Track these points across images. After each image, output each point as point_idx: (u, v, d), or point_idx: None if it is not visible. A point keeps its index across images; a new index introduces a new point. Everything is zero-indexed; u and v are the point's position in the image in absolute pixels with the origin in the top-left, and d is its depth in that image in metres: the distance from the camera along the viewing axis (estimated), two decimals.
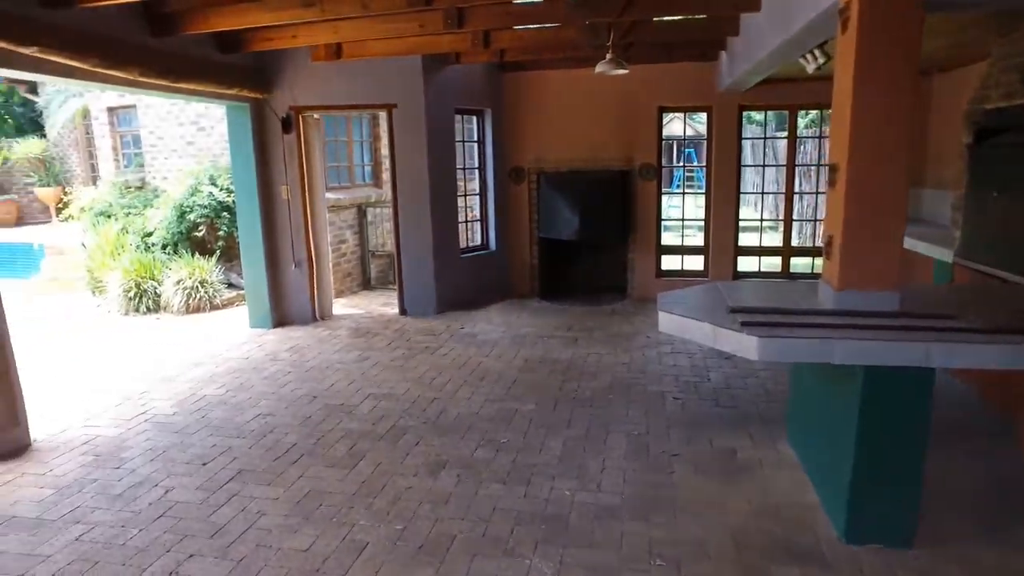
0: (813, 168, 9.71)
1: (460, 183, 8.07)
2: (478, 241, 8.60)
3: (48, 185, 14.65)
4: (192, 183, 8.79)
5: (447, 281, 7.73)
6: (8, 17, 4.15)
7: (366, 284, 9.59)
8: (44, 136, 15.14)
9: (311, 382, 5.50)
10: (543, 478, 3.79)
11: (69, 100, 12.24)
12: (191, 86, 5.86)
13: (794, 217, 8.33)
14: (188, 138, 9.60)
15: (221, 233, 8.74)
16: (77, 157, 15.00)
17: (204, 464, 4.05)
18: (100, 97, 10.24)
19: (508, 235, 8.59)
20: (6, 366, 4.32)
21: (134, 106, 9.93)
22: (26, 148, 14.38)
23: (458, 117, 7.93)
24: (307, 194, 7.23)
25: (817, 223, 9.56)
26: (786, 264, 8.24)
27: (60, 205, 14.73)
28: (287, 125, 7.04)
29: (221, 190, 8.76)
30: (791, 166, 8.00)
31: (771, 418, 4.53)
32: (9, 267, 12.03)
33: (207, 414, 4.85)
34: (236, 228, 8.83)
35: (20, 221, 14.52)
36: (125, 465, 4.08)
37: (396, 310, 7.83)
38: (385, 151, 10.09)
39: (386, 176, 10.14)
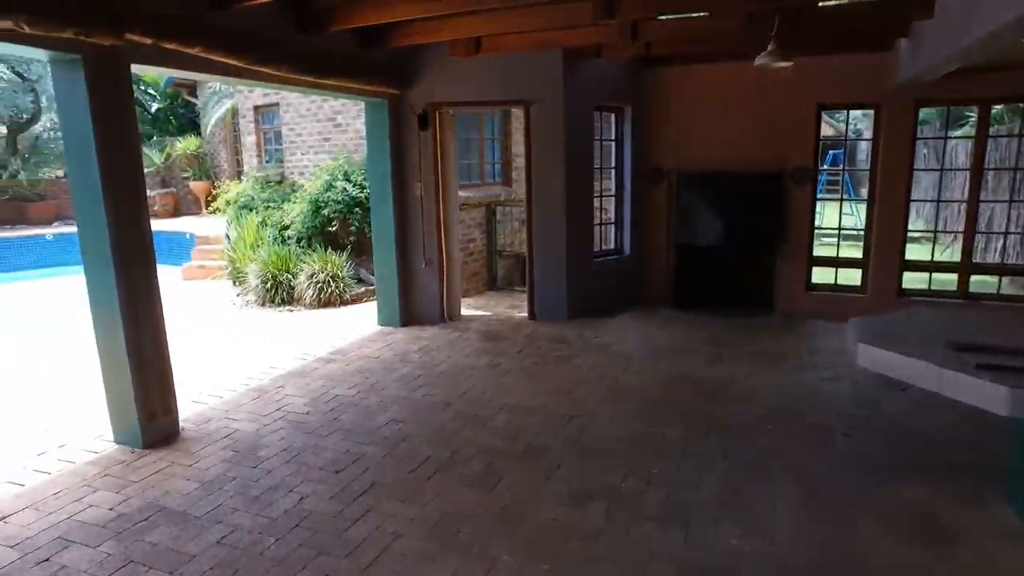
0: (1006, 172, 8.51)
1: (595, 184, 7.68)
2: (611, 245, 8.17)
3: (200, 179, 15.71)
4: (327, 179, 8.96)
5: (579, 286, 7.37)
6: (176, 19, 4.24)
7: (491, 284, 9.41)
8: (199, 135, 16.27)
9: (443, 387, 5.31)
10: (703, 520, 3.33)
11: (222, 101, 13.00)
12: (334, 82, 5.85)
13: (978, 229, 7.27)
14: (325, 134, 9.83)
15: (353, 228, 8.84)
16: (225, 153, 15.97)
17: (337, 472, 3.92)
18: (249, 97, 10.73)
19: (643, 239, 8.10)
20: (161, 355, 4.40)
21: (277, 104, 10.32)
22: (185, 145, 15.48)
23: (596, 115, 7.54)
24: (440, 192, 7.10)
25: (1010, 236, 8.32)
26: (964, 283, 7.19)
27: (209, 198, 15.77)
28: (423, 121, 6.94)
29: (354, 186, 8.87)
30: (977, 170, 6.96)
31: (973, 467, 3.81)
32: (165, 255, 12.88)
33: (339, 416, 4.76)
34: (367, 224, 8.92)
35: (176, 212, 15.65)
36: (262, 465, 4.02)
37: (525, 314, 7.57)
38: (516, 149, 9.90)
39: (515, 175, 9.94)
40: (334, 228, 8.76)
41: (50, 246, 13.37)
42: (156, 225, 12.36)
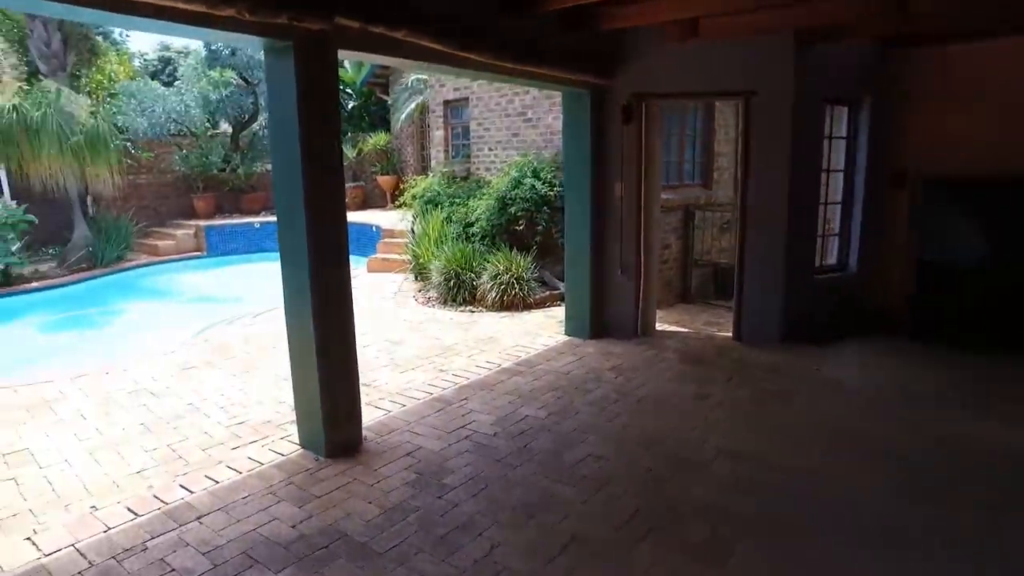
0: None
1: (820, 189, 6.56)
2: (833, 260, 6.97)
3: (387, 174, 16.29)
4: (515, 175, 8.58)
5: (795, 306, 6.30)
6: (383, 2, 3.94)
7: (684, 296, 8.52)
8: (389, 131, 16.90)
9: (644, 418, 4.61)
10: None
11: (412, 97, 13.24)
12: (535, 69, 5.33)
13: None
14: (514, 130, 9.50)
15: (539, 228, 8.39)
16: (411, 149, 16.43)
17: (532, 516, 3.36)
18: (439, 92, 10.72)
19: (874, 255, 6.81)
20: (348, 357, 4.14)
21: (467, 99, 10.18)
22: (375, 141, 16.15)
23: (826, 108, 6.40)
24: (643, 193, 6.38)
25: None
26: None
27: (395, 192, 16.31)
28: (628, 114, 6.25)
29: (544, 184, 8.41)
30: None
31: None
32: (352, 246, 13.37)
33: (530, 442, 4.23)
34: (554, 224, 8.43)
35: (364, 205, 16.37)
36: (448, 495, 3.58)
37: (727, 333, 6.63)
38: (719, 147, 8.91)
39: (717, 175, 8.96)
40: (520, 227, 8.36)
41: (257, 234, 14.48)
42: (348, 217, 12.84)
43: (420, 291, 8.98)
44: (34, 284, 10.90)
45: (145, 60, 22.33)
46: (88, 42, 15.25)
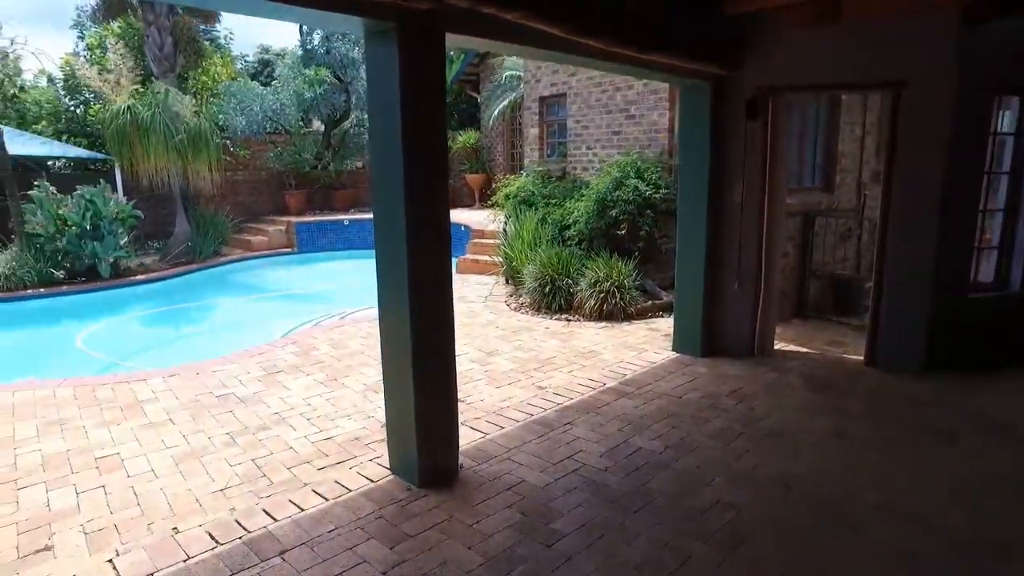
0: None
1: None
2: (989, 276, 6.03)
3: (476, 172, 16.05)
4: (617, 175, 8.02)
5: (943, 328, 5.45)
6: None
7: (798, 310, 7.71)
8: (478, 129, 16.66)
9: (776, 457, 3.98)
10: None
11: (505, 94, 12.88)
12: (658, 59, 4.77)
13: None
14: (615, 127, 8.93)
15: (642, 233, 7.80)
16: (501, 147, 16.11)
17: None
18: (535, 87, 10.28)
19: None
20: (447, 376, 3.74)
21: (564, 95, 9.69)
22: (464, 139, 15.94)
23: (994, 100, 5.51)
24: (766, 197, 5.69)
25: None
26: None
27: (484, 190, 16.04)
28: (752, 109, 5.58)
29: (648, 185, 7.81)
30: None
31: None
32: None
33: (647, 482, 3.69)
34: (658, 228, 7.83)
35: (452, 204, 16.13)
36: (558, 544, 3.09)
37: (857, 356, 5.85)
38: (843, 147, 8.04)
39: (839, 179, 8.08)
40: (622, 231, 7.79)
41: (346, 231, 14.52)
42: None
43: (512, 296, 8.58)
44: (139, 277, 11.25)
45: (246, 62, 23.13)
46: (195, 44, 15.79)
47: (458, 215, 13.99)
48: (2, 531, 3.31)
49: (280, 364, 5.89)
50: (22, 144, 12.62)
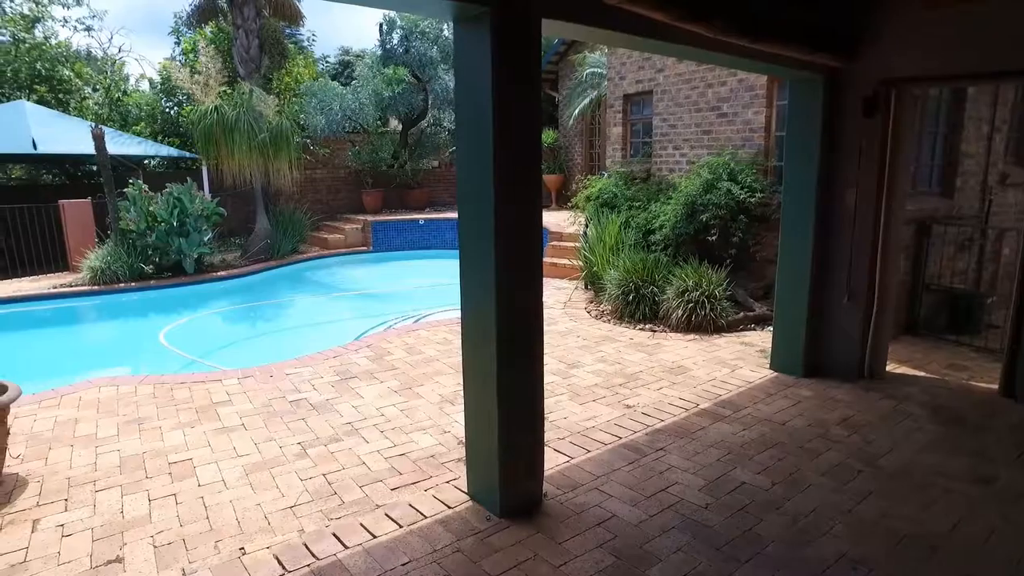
0: None
1: None
2: None
3: (553, 172, 15.70)
4: (708, 177, 7.51)
5: None
6: None
7: (909, 327, 6.99)
8: (556, 128, 16.31)
9: (908, 506, 3.45)
10: None
11: (587, 91, 12.48)
12: (766, 48, 4.29)
13: None
14: (705, 126, 8.40)
15: (735, 240, 7.26)
16: (579, 147, 15.71)
17: None
18: (619, 84, 9.84)
19: None
20: (535, 395, 3.42)
21: (650, 93, 9.22)
22: (544, 138, 15.63)
23: None
24: (883, 203, 5.10)
25: None
26: None
27: (560, 191, 15.69)
28: (871, 106, 5.00)
29: (742, 188, 7.27)
30: None
31: None
32: None
33: (755, 524, 3.25)
34: (751, 235, 7.29)
35: None
36: None
37: (988, 384, 5.19)
38: (966, 147, 7.26)
39: (960, 182, 7.31)
40: (713, 237, 7.27)
41: (421, 230, 14.47)
42: None
43: (592, 302, 8.19)
44: (220, 273, 11.48)
45: (327, 63, 23.62)
46: (280, 46, 16.13)
47: None
48: (79, 536, 3.23)
49: (353, 369, 5.73)
50: (120, 144, 13.15)
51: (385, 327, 7.99)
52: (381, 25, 16.61)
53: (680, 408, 4.79)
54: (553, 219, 12.91)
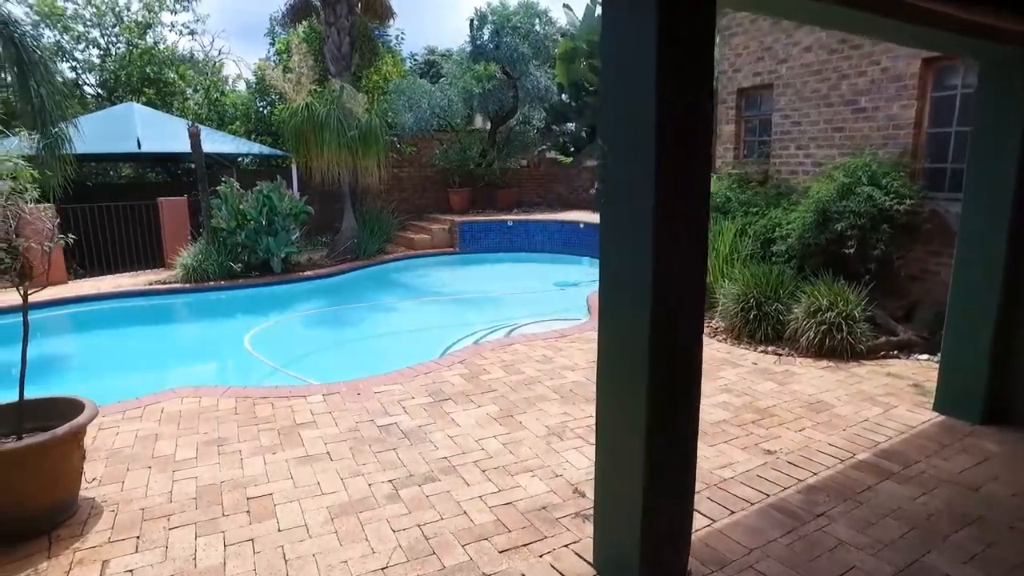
0: None
1: None
2: None
3: None
4: (844, 181, 6.58)
5: None
6: None
7: None
8: None
9: None
10: None
11: None
12: (978, 17, 3.45)
13: None
14: (836, 123, 7.44)
15: (876, 253, 6.30)
16: None
17: None
18: (732, 79, 8.96)
19: None
20: (689, 437, 2.75)
21: (770, 87, 8.31)
22: None
23: None
24: None
25: None
26: None
27: None
28: None
29: (886, 194, 6.30)
30: None
31: None
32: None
33: None
34: (896, 247, 6.33)
35: None
36: None
37: None
38: None
39: None
40: (849, 250, 6.34)
41: (509, 231, 13.96)
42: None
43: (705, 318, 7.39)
44: (307, 273, 11.33)
45: (415, 61, 23.55)
46: (371, 43, 16.02)
47: None
48: None
49: (447, 389, 5.21)
50: (215, 142, 13.30)
51: (476, 339, 7.48)
52: (472, 20, 16.23)
53: (832, 457, 4.00)
54: None
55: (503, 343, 6.55)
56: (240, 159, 16.03)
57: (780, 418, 4.63)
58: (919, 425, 4.48)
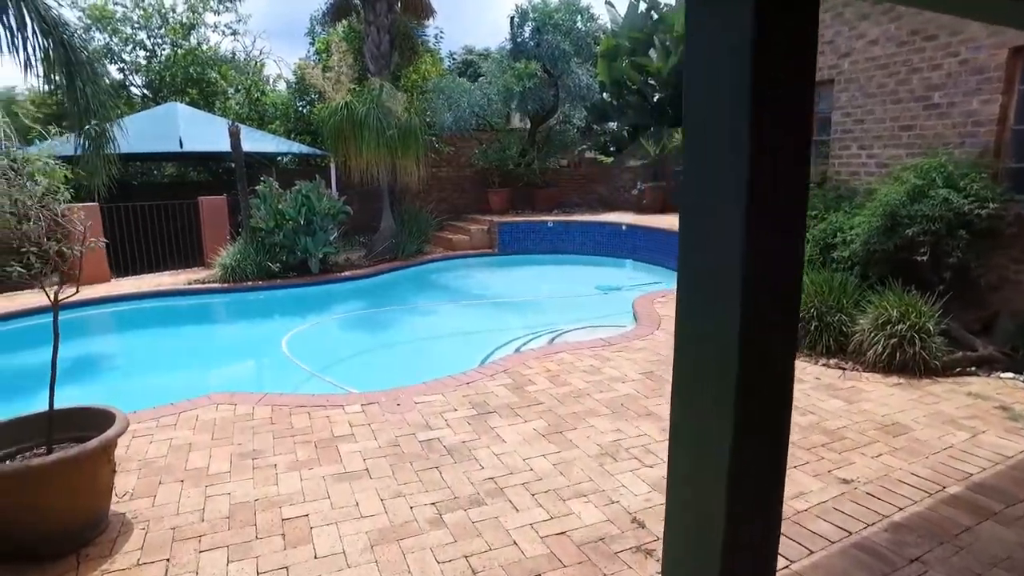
0: None
1: None
2: None
3: None
4: (915, 182, 6.12)
5: None
6: None
7: None
8: None
9: None
10: None
11: None
12: None
13: None
14: (905, 120, 6.96)
15: (951, 261, 5.84)
16: None
17: None
18: None
19: None
20: (777, 482, 2.41)
21: (831, 82, 7.86)
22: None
23: None
24: None
25: None
26: None
27: None
28: None
29: (966, 197, 5.83)
30: None
31: None
32: (663, 256, 11.84)
33: None
34: (975, 255, 5.86)
35: (663, 208, 14.68)
36: None
37: None
38: None
39: None
40: (922, 257, 5.89)
41: (549, 233, 13.66)
42: (647, 221, 11.25)
43: None
44: (345, 273, 11.20)
45: (453, 60, 23.40)
46: (410, 41, 15.87)
47: (672, 222, 12.54)
48: None
49: (491, 401, 4.94)
50: (255, 141, 13.30)
51: (518, 346, 7.21)
52: (512, 18, 15.97)
53: (919, 490, 3.61)
54: None
55: (548, 351, 6.26)
56: (279, 158, 16.05)
57: (852, 441, 4.24)
58: (1016, 455, 4.05)
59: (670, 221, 12.62)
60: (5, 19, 7.46)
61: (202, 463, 3.97)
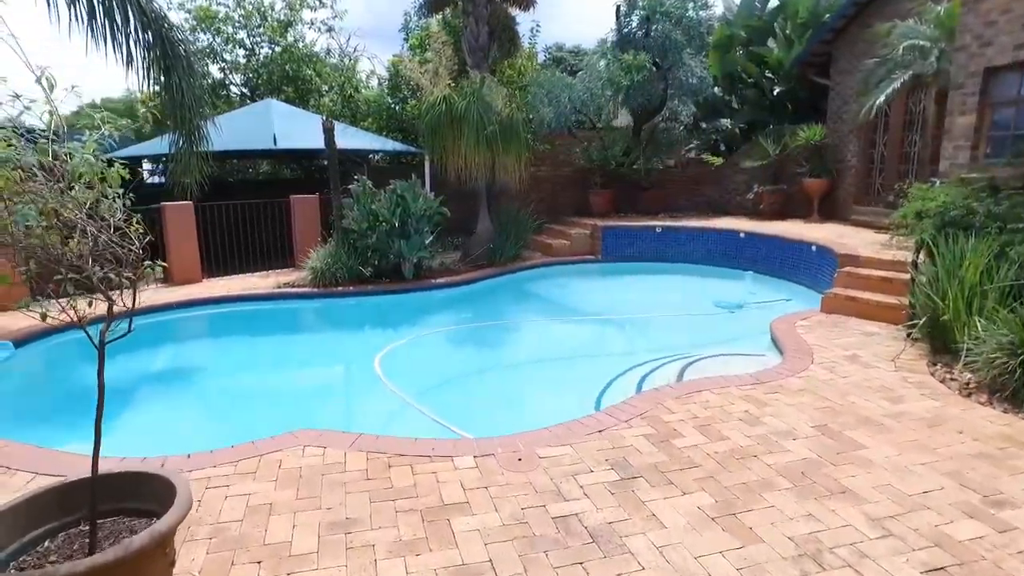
0: None
1: None
2: None
3: (818, 176, 12.87)
4: None
5: None
6: None
7: None
8: (820, 121, 13.41)
9: None
10: None
11: (894, 72, 9.62)
12: None
13: None
14: None
15: None
16: (855, 145, 12.68)
17: None
18: (974, 57, 7.05)
19: None
20: None
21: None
22: (809, 135, 12.86)
23: None
24: None
25: None
26: None
27: (823, 199, 12.86)
28: None
29: None
30: None
31: None
32: (785, 268, 10.49)
33: None
34: None
35: (783, 214, 13.21)
36: None
37: None
38: None
39: None
40: None
41: (657, 239, 12.50)
42: (766, 228, 9.90)
43: (940, 364, 5.67)
44: (439, 280, 10.46)
45: (547, 55, 22.45)
46: (509, 32, 15.03)
47: (800, 230, 11.16)
48: None
49: (633, 459, 3.94)
50: (348, 138, 12.81)
51: (642, 375, 6.17)
52: (618, 7, 14.86)
53: None
54: (829, 235, 10.29)
55: (687, 389, 5.18)
56: (371, 156, 15.60)
57: None
58: None
59: (795, 229, 11.22)
60: (110, 12, 7.12)
61: (284, 535, 3.18)
